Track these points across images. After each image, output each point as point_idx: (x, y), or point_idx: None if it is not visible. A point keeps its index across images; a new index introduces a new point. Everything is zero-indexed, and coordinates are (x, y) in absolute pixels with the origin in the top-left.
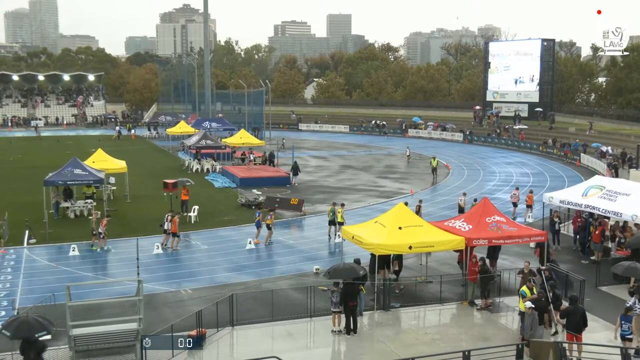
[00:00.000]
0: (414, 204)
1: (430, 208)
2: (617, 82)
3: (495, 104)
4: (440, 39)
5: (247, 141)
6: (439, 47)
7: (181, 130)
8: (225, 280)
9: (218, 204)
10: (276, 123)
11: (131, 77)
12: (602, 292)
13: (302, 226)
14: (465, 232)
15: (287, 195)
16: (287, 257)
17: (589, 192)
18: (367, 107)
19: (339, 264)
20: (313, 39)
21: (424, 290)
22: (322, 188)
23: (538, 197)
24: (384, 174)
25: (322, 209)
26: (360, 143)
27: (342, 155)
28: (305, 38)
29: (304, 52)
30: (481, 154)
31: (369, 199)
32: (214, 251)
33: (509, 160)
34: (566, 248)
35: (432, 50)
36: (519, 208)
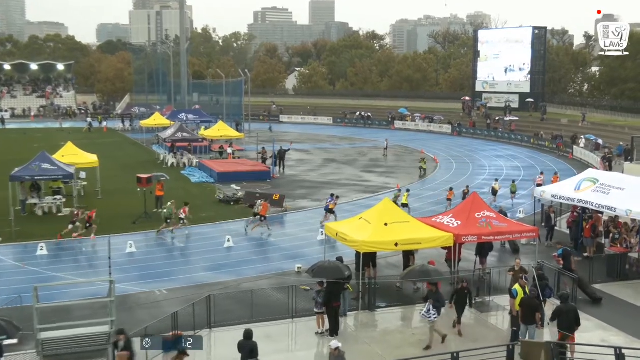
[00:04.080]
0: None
1: (417, 203)
2: (610, 72)
3: (485, 94)
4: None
5: (226, 134)
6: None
7: (156, 123)
8: (203, 280)
9: (195, 199)
10: (256, 115)
11: (103, 67)
12: (595, 289)
13: (284, 223)
14: (454, 229)
15: (267, 191)
16: (268, 256)
17: (581, 185)
18: (352, 98)
19: (323, 262)
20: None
21: (411, 290)
22: (304, 183)
23: (529, 191)
24: (369, 168)
25: (304, 205)
26: (345, 135)
27: (325, 148)
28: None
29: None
30: (470, 146)
31: (353, 194)
32: (191, 249)
33: (499, 153)
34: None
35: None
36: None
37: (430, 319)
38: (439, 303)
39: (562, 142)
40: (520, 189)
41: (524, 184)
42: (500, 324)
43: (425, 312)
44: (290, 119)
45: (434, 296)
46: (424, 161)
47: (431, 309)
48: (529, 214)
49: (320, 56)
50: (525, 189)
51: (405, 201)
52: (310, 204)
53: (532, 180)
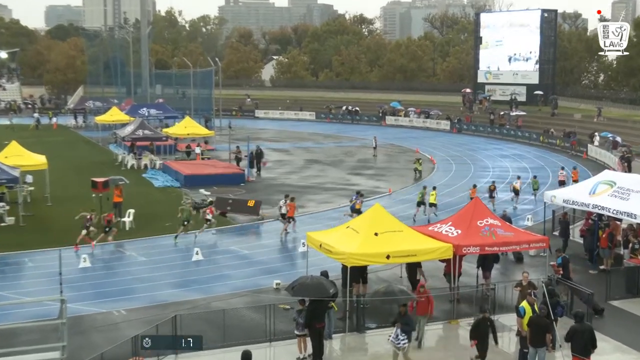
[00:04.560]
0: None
1: (411, 210)
2: (629, 61)
3: (488, 86)
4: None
5: (193, 131)
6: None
7: (113, 119)
8: (168, 298)
9: (158, 206)
10: (227, 110)
11: (52, 55)
12: (613, 307)
13: (260, 233)
14: (453, 238)
15: (241, 196)
16: (242, 270)
17: (597, 189)
18: (337, 90)
19: (305, 278)
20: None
21: None
22: (283, 187)
23: (538, 195)
24: (357, 170)
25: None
26: (329, 133)
27: (307, 147)
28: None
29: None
30: (471, 145)
31: (339, 200)
32: (154, 264)
33: (504, 152)
34: (573, 256)
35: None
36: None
37: (400, 345)
38: (409, 327)
39: (576, 140)
40: (527, 193)
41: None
42: (507, 347)
43: (394, 338)
44: (267, 114)
45: (403, 319)
46: (419, 162)
47: (400, 333)
48: (538, 221)
49: (301, 43)
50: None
51: (434, 200)
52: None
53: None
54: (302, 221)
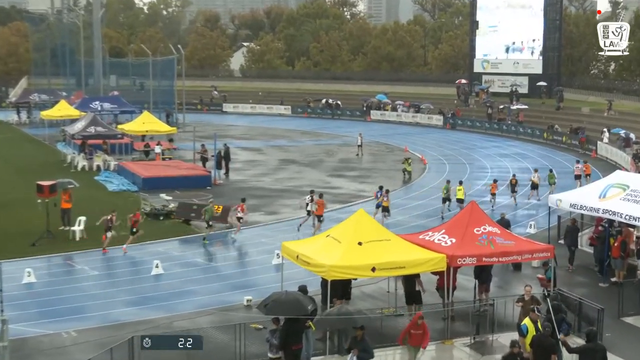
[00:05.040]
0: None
1: (400, 216)
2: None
3: (485, 76)
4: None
5: (153, 128)
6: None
7: (61, 114)
8: (124, 317)
9: None
10: (192, 103)
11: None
12: (626, 324)
13: (229, 243)
14: (447, 248)
15: (207, 201)
16: (209, 285)
17: (608, 192)
18: (316, 81)
19: (279, 294)
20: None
21: (393, 327)
22: (254, 190)
23: (543, 199)
24: (338, 171)
25: (255, 219)
26: (307, 129)
27: (282, 146)
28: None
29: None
30: (467, 142)
31: None
32: (108, 278)
33: (504, 151)
34: (581, 267)
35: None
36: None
37: None
38: (367, 354)
39: (585, 137)
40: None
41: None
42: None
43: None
44: (236, 108)
45: (360, 344)
46: (408, 162)
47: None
48: (542, 227)
49: (275, 28)
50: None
51: (461, 196)
52: (263, 218)
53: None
54: (276, 229)
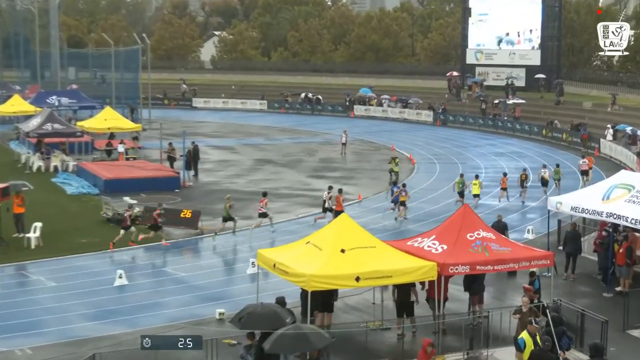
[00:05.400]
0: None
1: (386, 221)
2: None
3: (479, 68)
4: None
5: (116, 125)
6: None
7: (15, 109)
8: (84, 333)
9: (72, 219)
10: (158, 98)
11: None
12: (632, 337)
13: (200, 250)
14: (438, 255)
15: (175, 205)
16: (178, 297)
17: (612, 193)
18: (294, 74)
19: (255, 306)
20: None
21: (379, 341)
22: (227, 193)
23: (542, 201)
24: (319, 172)
25: (228, 225)
26: (285, 126)
27: (257, 144)
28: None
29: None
30: (459, 140)
31: (297, 209)
32: (67, 290)
33: (499, 149)
34: (583, 275)
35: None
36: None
37: None
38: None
39: (587, 134)
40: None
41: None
42: None
43: None
44: (207, 103)
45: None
46: (395, 161)
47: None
48: (541, 233)
49: (249, 15)
50: (536, 198)
51: (477, 191)
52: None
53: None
54: (252, 235)
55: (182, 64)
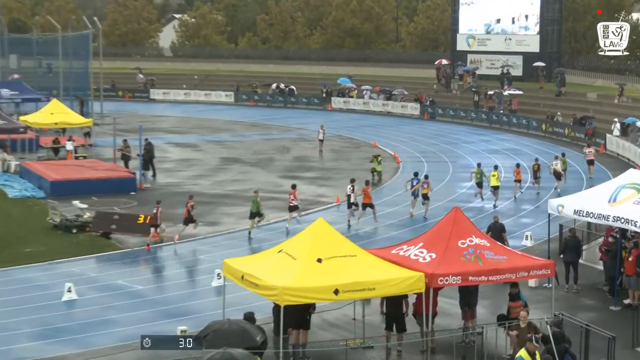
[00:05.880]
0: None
1: (368, 226)
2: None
3: (471, 55)
4: None
5: (64, 120)
6: None
7: None
8: (28, 353)
9: (14, 225)
10: (111, 89)
11: None
12: None
13: (159, 260)
14: (426, 265)
15: (131, 209)
16: (134, 313)
17: (619, 195)
18: (265, 62)
19: (221, 323)
20: None
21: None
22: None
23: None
24: (293, 172)
25: (189, 231)
26: (254, 121)
27: (223, 141)
28: None
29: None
30: (450, 136)
31: (268, 214)
32: (8, 305)
33: (494, 146)
34: (587, 286)
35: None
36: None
37: None
38: None
39: (592, 128)
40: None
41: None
42: None
43: None
44: (166, 95)
45: None
46: (378, 160)
47: None
48: (541, 239)
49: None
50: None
51: (496, 183)
52: (200, 230)
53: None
54: (217, 244)
55: (138, 51)
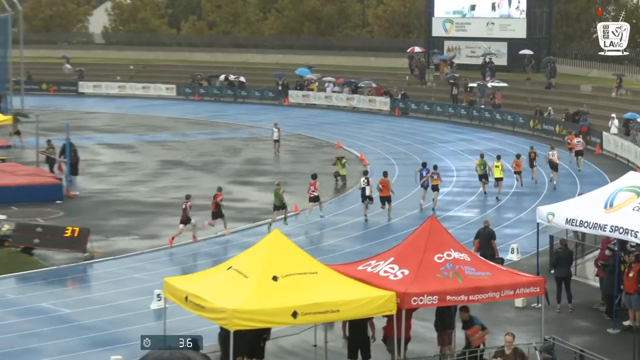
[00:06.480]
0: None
1: (331, 239)
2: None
3: (448, 42)
4: None
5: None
6: None
7: None
8: None
9: None
10: (35, 81)
11: None
12: None
13: (89, 280)
14: (397, 283)
15: (57, 220)
16: (60, 341)
17: (616, 199)
18: (211, 50)
19: (161, 352)
20: None
21: None
22: (124, 205)
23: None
24: (243, 177)
25: (125, 247)
26: (199, 118)
27: (164, 141)
28: None
29: None
30: (424, 135)
31: (215, 225)
32: None
33: (475, 146)
34: (582, 306)
35: None
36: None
37: None
38: None
39: (587, 125)
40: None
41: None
42: None
43: None
44: (97, 88)
45: None
46: (342, 162)
47: None
48: (528, 252)
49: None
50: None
51: (499, 174)
52: (137, 244)
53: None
54: (156, 260)
55: (65, 37)
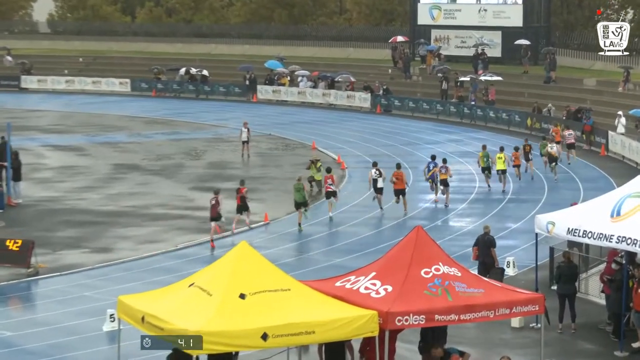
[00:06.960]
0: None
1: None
2: None
3: (435, 31)
4: None
5: None
6: None
7: None
8: None
9: None
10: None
11: None
12: None
13: (33, 299)
14: (380, 300)
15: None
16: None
17: (623, 207)
18: (170, 40)
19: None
20: None
21: None
22: (73, 214)
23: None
24: (207, 182)
25: (73, 261)
26: (157, 116)
27: (117, 142)
28: None
29: None
30: (409, 135)
31: (175, 236)
32: None
33: (466, 147)
34: (587, 325)
35: None
36: None
37: None
38: None
39: (590, 124)
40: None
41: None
42: None
43: None
44: (43, 83)
45: None
46: (317, 166)
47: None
48: (526, 266)
49: None
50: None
51: (503, 166)
52: (87, 259)
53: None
54: (109, 276)
55: (6, 26)
